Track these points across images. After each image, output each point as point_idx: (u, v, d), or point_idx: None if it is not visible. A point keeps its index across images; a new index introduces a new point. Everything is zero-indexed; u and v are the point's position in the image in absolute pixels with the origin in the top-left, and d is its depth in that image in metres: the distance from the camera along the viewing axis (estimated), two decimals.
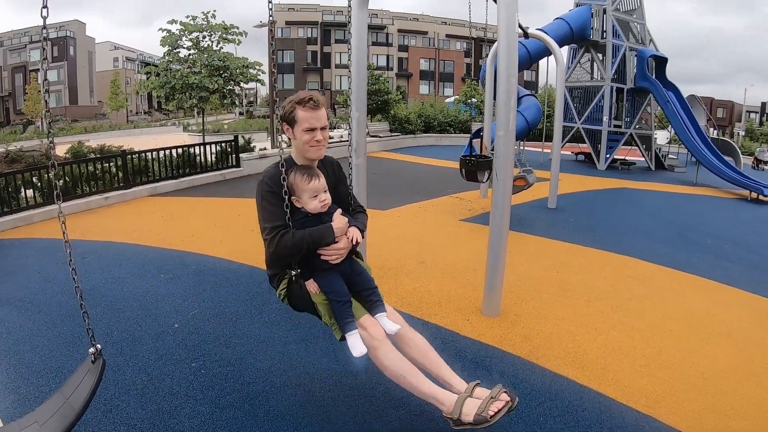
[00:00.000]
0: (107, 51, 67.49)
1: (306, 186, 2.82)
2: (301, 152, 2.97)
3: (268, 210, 2.81)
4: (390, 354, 2.82)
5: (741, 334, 4.93)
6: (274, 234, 2.76)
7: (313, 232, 2.80)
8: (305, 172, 2.85)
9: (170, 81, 17.58)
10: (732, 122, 64.84)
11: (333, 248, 2.86)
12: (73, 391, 2.51)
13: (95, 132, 39.94)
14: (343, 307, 2.83)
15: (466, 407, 2.67)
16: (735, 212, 12.24)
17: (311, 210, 2.86)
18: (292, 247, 2.75)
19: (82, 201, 9.24)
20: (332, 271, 2.90)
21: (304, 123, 2.88)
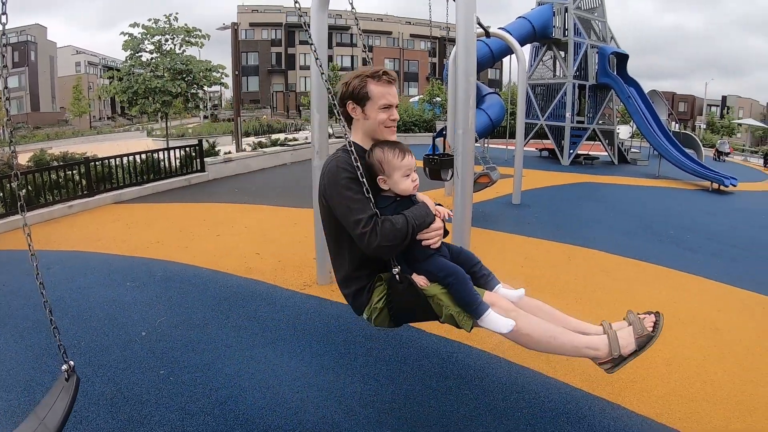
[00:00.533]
0: (69, 55, 66.07)
1: (400, 162, 2.41)
2: (375, 134, 2.53)
3: (356, 199, 2.33)
4: (532, 321, 2.48)
5: (703, 320, 5.08)
6: (373, 224, 2.28)
7: (415, 213, 2.37)
8: (396, 147, 2.46)
9: (133, 85, 17.39)
10: (693, 116, 66.20)
11: (432, 229, 2.42)
12: (48, 412, 2.43)
13: (58, 139, 39.18)
14: (468, 287, 2.40)
15: (622, 340, 2.51)
16: (697, 203, 12.57)
17: (402, 191, 2.44)
18: (398, 234, 2.28)
19: (45, 210, 9.07)
20: (436, 255, 2.47)
21: (381, 99, 2.47)
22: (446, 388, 3.64)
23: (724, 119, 58.45)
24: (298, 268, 6.20)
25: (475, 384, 3.71)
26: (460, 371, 3.88)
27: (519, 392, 3.61)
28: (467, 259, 2.59)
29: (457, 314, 2.39)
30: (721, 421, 3.35)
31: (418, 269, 2.44)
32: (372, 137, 2.54)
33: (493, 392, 3.60)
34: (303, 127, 33.71)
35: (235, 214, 9.29)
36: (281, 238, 7.55)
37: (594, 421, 3.30)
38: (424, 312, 2.46)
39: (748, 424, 3.34)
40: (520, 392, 3.61)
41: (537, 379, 3.81)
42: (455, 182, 4.92)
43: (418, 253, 2.43)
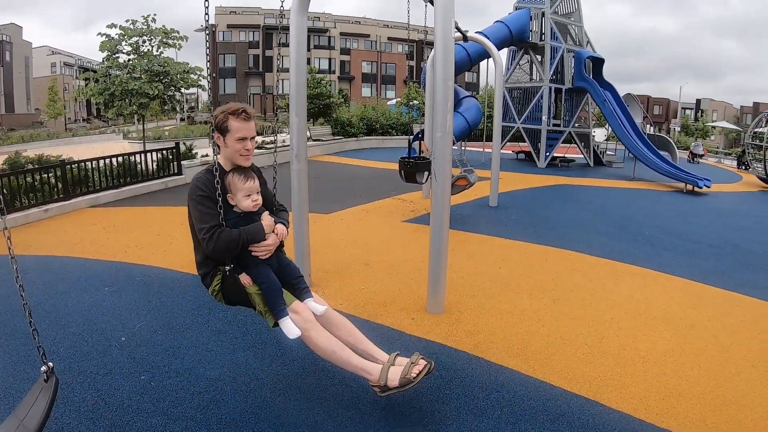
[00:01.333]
0: (44, 56, 65.08)
1: (242, 185, 3.10)
2: (232, 159, 3.17)
3: (203, 212, 3.02)
4: (321, 334, 3.15)
5: (678, 318, 5.19)
6: (212, 232, 2.97)
7: (248, 229, 3.08)
8: (242, 173, 3.13)
9: (110, 87, 17.18)
10: (668, 119, 67.20)
11: (263, 245, 3.13)
12: (27, 412, 2.43)
13: (33, 141, 38.52)
14: (275, 295, 3.12)
15: (391, 374, 3.07)
16: (671, 204, 12.75)
17: (244, 208, 3.14)
18: (230, 243, 2.99)
19: (21, 214, 8.95)
20: (262, 265, 3.17)
21: (237, 133, 3.08)
22: (427, 388, 3.67)
23: (698, 122, 59.37)
24: None
25: (456, 384, 3.75)
26: (441, 372, 3.91)
27: (499, 391, 3.66)
28: (290, 271, 3.35)
29: (264, 312, 3.17)
30: (698, 416, 3.43)
31: (248, 271, 3.16)
32: (232, 161, 3.18)
33: (474, 392, 3.64)
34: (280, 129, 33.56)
35: None
36: None
37: (573, 418, 3.36)
38: (245, 302, 3.25)
39: (723, 418, 3.42)
40: (500, 391, 3.66)
41: (516, 379, 3.86)
42: (433, 185, 4.96)
43: (249, 260, 3.15)
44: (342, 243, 7.58)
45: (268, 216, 3.23)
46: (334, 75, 58.72)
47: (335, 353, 3.13)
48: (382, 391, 3.07)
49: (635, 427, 3.30)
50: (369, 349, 3.32)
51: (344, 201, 10.75)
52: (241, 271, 3.16)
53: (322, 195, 10.87)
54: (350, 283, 5.86)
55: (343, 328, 3.35)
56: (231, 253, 3.05)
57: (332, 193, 11.80)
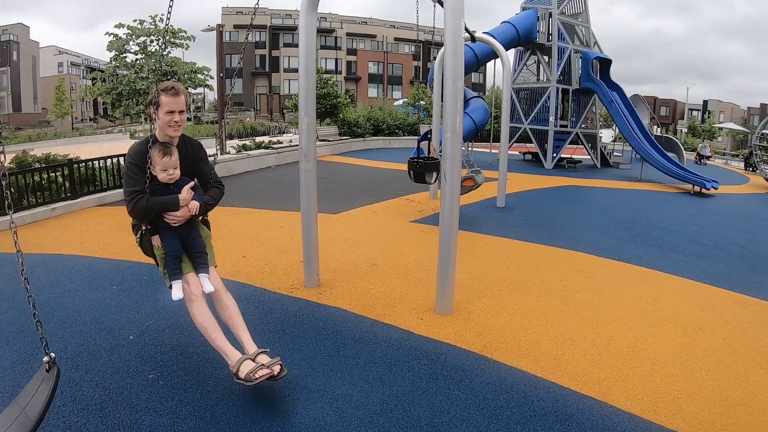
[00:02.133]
0: (52, 56, 65.24)
1: (159, 160, 3.51)
2: (163, 130, 3.57)
3: (130, 177, 3.48)
4: (201, 309, 3.53)
5: (686, 320, 5.16)
6: (132, 197, 3.42)
7: (164, 199, 3.52)
8: (161, 149, 3.52)
9: (117, 87, 17.27)
10: (675, 120, 66.96)
11: (173, 215, 3.56)
12: (29, 401, 2.45)
13: (40, 140, 38.64)
14: (173, 261, 3.59)
15: (243, 366, 3.34)
16: (679, 206, 12.71)
17: (161, 180, 3.54)
18: (145, 209, 3.44)
19: (28, 213, 8.96)
20: (172, 232, 3.63)
21: (165, 106, 3.50)
22: (436, 389, 3.67)
23: (705, 123, 59.15)
24: (286, 271, 6.21)
25: (465, 384, 3.74)
26: (450, 372, 3.91)
27: (508, 392, 3.65)
28: (195, 246, 3.71)
29: (163, 273, 3.69)
30: (707, 417, 3.41)
31: (161, 234, 3.63)
32: (163, 132, 3.58)
33: (483, 393, 3.64)
34: (287, 129, 33.61)
35: (220, 217, 9.25)
36: (267, 241, 7.55)
37: (582, 419, 3.35)
38: (154, 259, 3.74)
39: (732, 420, 3.40)
40: (509, 392, 3.65)
41: (526, 379, 3.85)
42: (443, 186, 4.95)
43: (162, 224, 3.60)
44: (350, 243, 7.58)
45: (189, 190, 3.61)
46: (340, 75, 58.69)
47: (206, 330, 3.50)
48: (236, 377, 3.36)
49: (644, 428, 3.29)
50: (241, 336, 3.60)
51: (352, 201, 10.75)
52: (156, 233, 3.63)
53: (329, 195, 10.88)
54: (358, 283, 5.86)
55: (226, 311, 3.67)
56: (146, 217, 3.53)
57: (340, 193, 11.80)
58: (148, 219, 3.56)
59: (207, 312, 3.55)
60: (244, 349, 3.53)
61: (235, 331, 3.63)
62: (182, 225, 3.65)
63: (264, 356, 3.47)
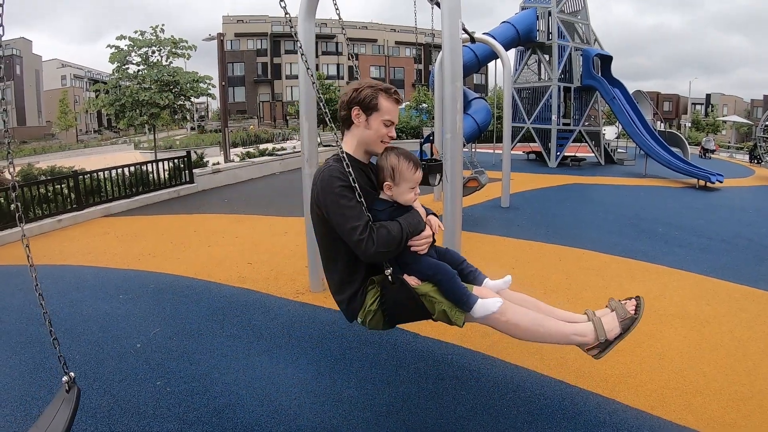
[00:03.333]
0: (54, 69, 65.74)
1: (412, 176, 2.54)
2: (370, 144, 2.62)
3: (350, 207, 2.39)
4: (519, 311, 2.57)
5: (693, 314, 5.14)
6: (369, 230, 2.36)
7: (408, 220, 2.50)
8: (411, 159, 2.58)
9: (120, 98, 17.37)
10: (678, 114, 66.82)
11: (424, 236, 2.54)
12: (49, 424, 2.41)
13: (45, 153, 38.98)
14: (457, 281, 2.49)
15: (606, 325, 2.61)
16: (684, 200, 12.67)
17: (404, 201, 2.57)
18: (393, 240, 2.38)
19: (35, 225, 9.03)
20: (423, 257, 2.55)
21: (386, 114, 2.57)
22: (442, 389, 3.67)
23: (708, 117, 58.94)
24: (291, 276, 6.22)
25: (471, 384, 3.74)
26: (456, 372, 3.91)
27: (515, 391, 3.65)
28: (453, 258, 2.70)
29: (449, 309, 2.46)
30: (716, 412, 3.40)
31: (408, 270, 2.52)
32: (365, 148, 2.63)
33: (490, 392, 3.63)
34: (290, 136, 33.72)
35: (226, 225, 9.29)
36: (272, 248, 7.56)
37: (590, 416, 3.34)
38: (417, 310, 2.51)
39: (742, 414, 3.38)
40: (516, 391, 3.65)
41: (532, 378, 3.85)
42: (445, 187, 4.96)
43: (408, 257, 2.52)
44: None
45: (419, 203, 2.67)
46: (342, 80, 58.81)
47: (542, 326, 2.58)
48: (602, 349, 2.62)
49: (652, 424, 3.28)
50: (563, 314, 2.74)
51: None
52: (402, 272, 2.53)
53: None
54: None
55: (528, 302, 2.77)
56: (394, 252, 2.43)
57: None
58: (394, 254, 2.45)
59: (525, 309, 2.63)
60: (574, 320, 2.72)
61: (557, 315, 2.73)
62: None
63: (599, 311, 2.76)
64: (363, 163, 2.65)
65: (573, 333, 2.61)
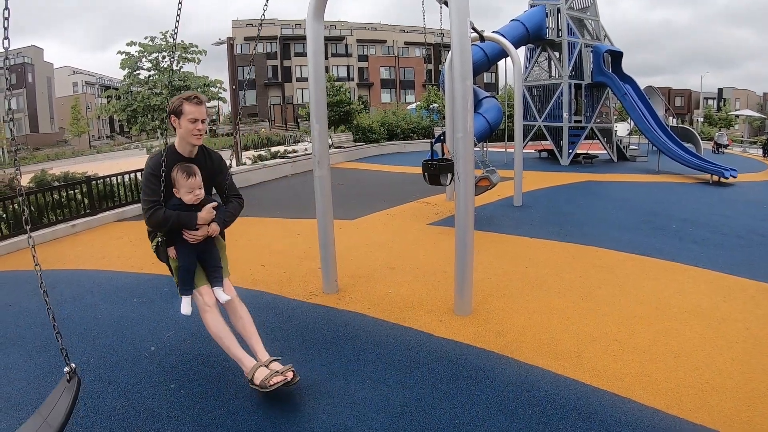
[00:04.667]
0: (66, 76, 66.20)
1: (184, 182, 3.49)
2: (185, 139, 3.55)
3: (148, 187, 3.47)
4: (215, 319, 3.60)
5: (709, 311, 5.10)
6: (149, 207, 3.43)
7: (181, 215, 3.50)
8: (186, 170, 3.50)
9: (131, 104, 17.48)
10: (690, 110, 66.28)
11: (192, 234, 3.57)
12: (51, 411, 2.49)
13: (58, 159, 39.22)
14: (186, 275, 3.61)
15: (258, 373, 3.44)
16: (698, 196, 12.57)
17: (187, 202, 3.52)
18: (161, 222, 3.46)
19: (49, 230, 9.09)
20: (188, 246, 3.60)
21: (189, 115, 3.48)
22: (457, 390, 3.66)
23: (721, 111, 58.41)
24: (304, 278, 6.23)
25: (486, 385, 3.73)
26: (471, 373, 3.90)
27: (530, 391, 3.63)
28: (210, 260, 3.72)
29: (176, 283, 3.70)
30: (732, 410, 3.36)
31: (177, 245, 3.61)
32: (185, 141, 3.58)
33: (504, 392, 3.62)
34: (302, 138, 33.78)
35: (238, 228, 9.26)
36: (285, 250, 7.58)
37: (605, 415, 3.32)
38: (168, 267, 3.75)
39: (758, 411, 3.35)
40: (530, 391, 3.63)
41: (547, 378, 3.83)
42: (456, 186, 4.94)
43: (180, 238, 3.58)
44: (367, 248, 7.58)
45: (210, 210, 3.59)
46: (353, 82, 58.85)
47: (221, 339, 3.59)
48: (251, 383, 3.46)
49: (668, 423, 3.25)
50: (254, 345, 3.68)
51: (369, 206, 10.76)
52: (172, 243, 3.60)
53: (346, 201, 10.92)
54: (377, 288, 5.86)
55: (240, 321, 3.74)
56: (161, 228, 3.55)
57: (356, 199, 11.82)
58: (163, 230, 3.57)
59: (221, 321, 3.63)
60: (257, 357, 3.62)
61: (249, 340, 3.71)
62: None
63: (277, 363, 3.56)
64: (182, 155, 3.60)
65: (238, 359, 3.58)
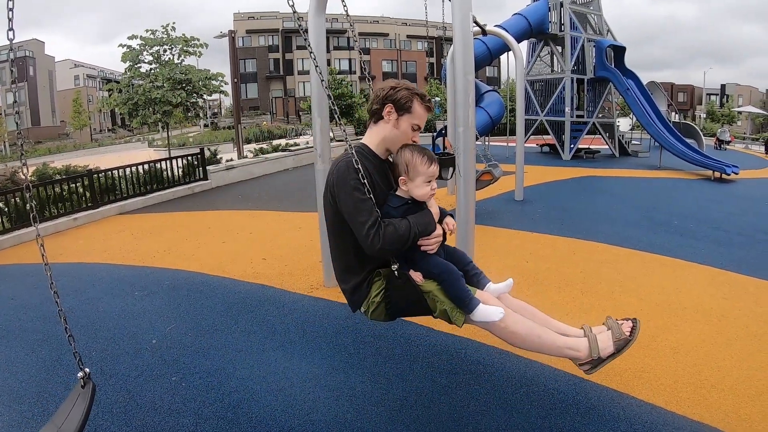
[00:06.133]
0: (67, 69, 66.13)
1: (426, 169, 2.55)
2: (394, 143, 2.66)
3: (363, 200, 2.44)
4: (518, 319, 2.61)
5: (709, 308, 5.09)
6: (377, 226, 2.40)
7: (418, 219, 2.51)
8: (425, 153, 2.59)
9: (133, 97, 17.48)
10: (693, 105, 66.11)
11: (432, 236, 2.57)
12: (65, 420, 2.43)
13: (59, 153, 39.27)
14: (461, 283, 2.53)
15: (601, 343, 2.63)
16: (699, 192, 12.56)
17: (419, 196, 2.57)
18: (400, 239, 2.42)
19: (51, 224, 9.12)
20: (431, 255, 2.59)
21: (417, 119, 2.66)
22: (456, 384, 3.67)
23: (723, 108, 58.27)
24: (305, 271, 6.24)
25: (485, 379, 3.74)
26: (470, 367, 3.91)
27: (529, 386, 3.64)
28: (460, 258, 2.76)
29: (450, 309, 2.51)
30: (731, 407, 3.37)
31: (415, 267, 2.57)
32: (388, 146, 2.68)
33: (504, 387, 3.63)
34: (303, 132, 33.76)
35: (240, 221, 9.33)
36: (287, 243, 7.59)
37: (604, 411, 3.32)
38: (419, 307, 2.57)
39: (757, 408, 3.35)
40: (529, 386, 3.64)
41: (546, 372, 3.83)
42: (458, 180, 4.94)
43: (416, 254, 2.56)
44: None
45: (434, 202, 2.69)
46: (354, 75, 58.75)
47: (539, 337, 2.61)
48: (594, 365, 2.65)
49: (666, 419, 3.26)
50: (560, 326, 2.77)
51: None
52: (408, 268, 2.57)
53: None
54: None
55: (527, 310, 2.80)
56: (399, 250, 2.48)
57: None
58: (400, 251, 2.50)
59: (524, 318, 2.67)
60: (570, 334, 2.74)
61: (553, 325, 2.78)
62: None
63: (595, 327, 2.76)
64: (381, 159, 2.70)
65: (567, 347, 2.65)
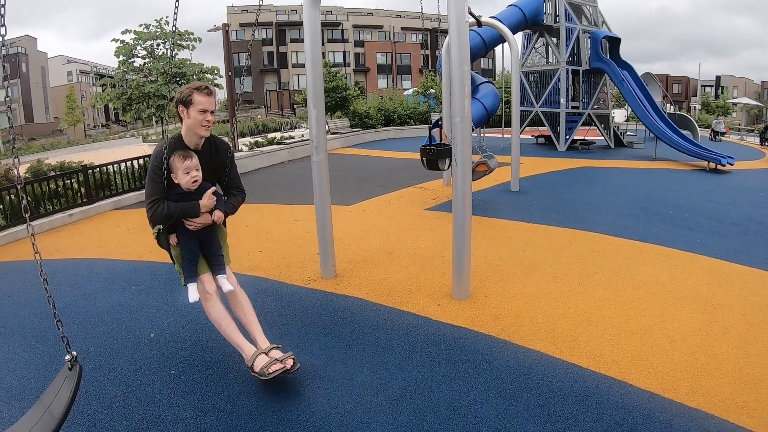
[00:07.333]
0: (60, 65, 65.64)
1: (180, 165, 3.42)
2: (193, 129, 3.48)
3: (152, 185, 3.43)
4: (216, 306, 3.63)
5: (705, 297, 5.12)
6: (152, 204, 3.40)
7: (184, 206, 3.48)
8: (181, 153, 3.45)
9: (126, 91, 17.40)
10: (688, 97, 66.18)
11: (194, 221, 3.54)
12: (53, 399, 2.50)
13: (54, 149, 38.95)
14: (190, 263, 3.61)
15: (257, 361, 3.45)
16: (694, 183, 12.59)
17: (183, 184, 3.46)
18: (165, 217, 3.43)
19: (46, 220, 9.06)
20: (190, 232, 3.59)
21: (199, 105, 3.41)
22: (455, 373, 3.69)
23: (718, 99, 58.28)
24: (302, 263, 6.24)
25: (484, 368, 3.76)
26: (469, 356, 3.93)
27: (527, 374, 3.66)
28: (212, 248, 3.73)
29: (179, 272, 3.71)
30: (727, 394, 3.40)
31: (178, 233, 3.62)
32: (193, 131, 3.50)
33: (502, 375, 3.65)
34: (298, 125, 33.69)
35: (236, 214, 9.29)
36: (283, 236, 7.58)
37: (602, 398, 3.35)
38: (170, 254, 3.77)
39: (753, 396, 3.38)
40: (528, 374, 3.66)
41: (544, 361, 3.86)
42: (454, 171, 4.95)
43: (181, 226, 3.57)
44: (365, 233, 7.60)
45: (211, 196, 3.57)
46: (349, 68, 58.61)
47: (222, 326, 3.62)
48: (251, 371, 3.48)
49: (664, 406, 3.28)
50: (254, 333, 3.69)
51: (366, 192, 10.76)
52: (173, 231, 3.62)
53: (344, 187, 10.90)
54: (375, 273, 5.88)
55: (241, 308, 3.75)
56: (165, 223, 3.53)
57: (354, 184, 11.80)
58: (167, 224, 3.54)
59: (222, 309, 3.65)
60: (257, 344, 3.62)
61: (249, 328, 3.72)
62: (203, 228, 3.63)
63: (276, 351, 3.55)
64: (188, 147, 3.54)
65: (238, 345, 3.60)
